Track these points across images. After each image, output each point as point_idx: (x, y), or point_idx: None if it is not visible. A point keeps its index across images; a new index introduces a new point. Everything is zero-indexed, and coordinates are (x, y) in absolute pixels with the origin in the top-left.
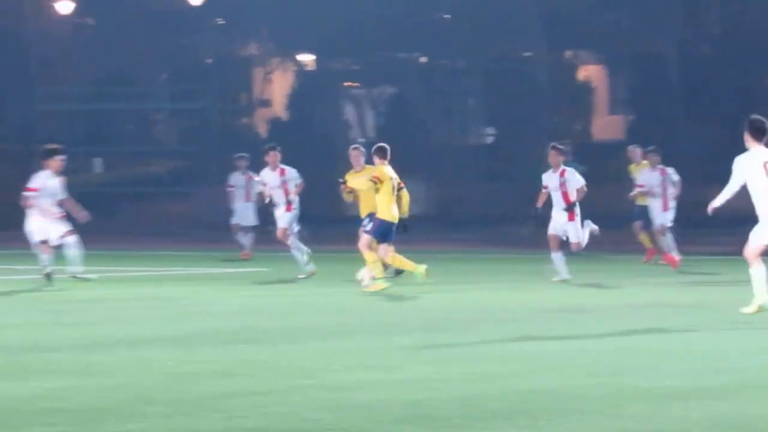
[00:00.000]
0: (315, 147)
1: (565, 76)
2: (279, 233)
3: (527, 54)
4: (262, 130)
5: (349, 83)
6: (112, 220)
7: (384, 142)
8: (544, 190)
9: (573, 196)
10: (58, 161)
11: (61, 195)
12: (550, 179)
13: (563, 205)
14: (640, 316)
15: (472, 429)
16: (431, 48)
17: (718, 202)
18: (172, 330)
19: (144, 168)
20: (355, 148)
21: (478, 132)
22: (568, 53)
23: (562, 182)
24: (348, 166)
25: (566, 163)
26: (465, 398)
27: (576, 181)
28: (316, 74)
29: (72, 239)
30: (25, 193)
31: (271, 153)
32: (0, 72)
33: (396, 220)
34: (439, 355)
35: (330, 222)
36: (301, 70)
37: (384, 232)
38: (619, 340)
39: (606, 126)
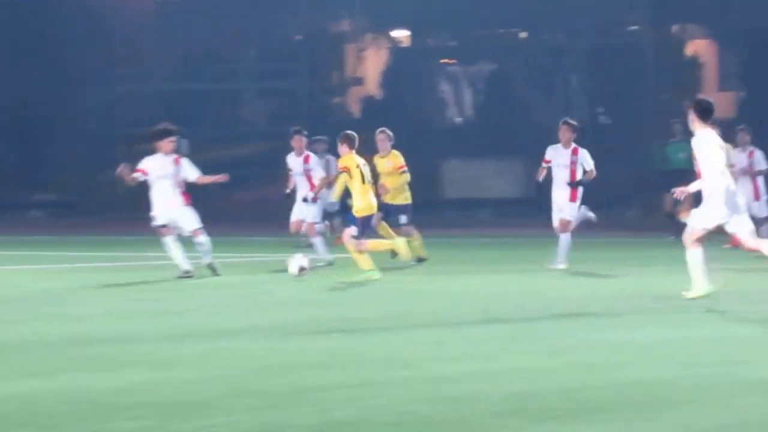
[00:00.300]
0: (410, 127)
1: (673, 51)
2: (308, 229)
3: (633, 29)
4: (355, 109)
5: (446, 60)
6: (198, 205)
7: (479, 122)
8: (545, 164)
9: (579, 175)
10: (168, 142)
11: (182, 177)
12: (558, 155)
13: (568, 180)
14: (748, 304)
15: (575, 421)
16: (531, 23)
17: (692, 188)
18: (261, 319)
19: (231, 150)
20: (381, 132)
21: (580, 111)
22: (676, 28)
23: (574, 160)
24: (374, 150)
25: (675, 143)
26: (567, 390)
27: (588, 162)
28: (411, 51)
29: (202, 238)
30: (133, 174)
31: (296, 137)
32: (80, 51)
33: (374, 209)
34: (539, 345)
35: (425, 206)
36: (395, 47)
37: (367, 225)
38: (728, 328)
39: (716, 103)
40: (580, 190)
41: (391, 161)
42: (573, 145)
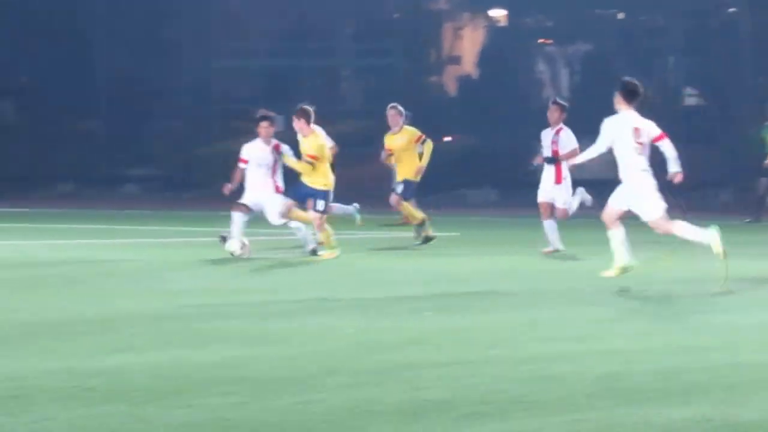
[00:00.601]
0: (506, 107)
1: None
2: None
3: (731, 11)
4: (451, 88)
5: (543, 40)
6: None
7: (578, 102)
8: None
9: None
10: (263, 128)
11: (279, 165)
12: (545, 136)
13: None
14: None
15: (668, 403)
16: (629, 3)
17: (579, 160)
18: (354, 297)
19: (328, 128)
20: (392, 107)
21: (678, 92)
22: None
23: (555, 140)
24: (386, 127)
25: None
26: (661, 371)
27: (567, 143)
28: (508, 30)
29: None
30: (239, 164)
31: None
32: (178, 26)
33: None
34: (634, 325)
35: (520, 186)
36: (492, 26)
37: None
38: None
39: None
40: (564, 169)
41: (406, 136)
42: (559, 125)
